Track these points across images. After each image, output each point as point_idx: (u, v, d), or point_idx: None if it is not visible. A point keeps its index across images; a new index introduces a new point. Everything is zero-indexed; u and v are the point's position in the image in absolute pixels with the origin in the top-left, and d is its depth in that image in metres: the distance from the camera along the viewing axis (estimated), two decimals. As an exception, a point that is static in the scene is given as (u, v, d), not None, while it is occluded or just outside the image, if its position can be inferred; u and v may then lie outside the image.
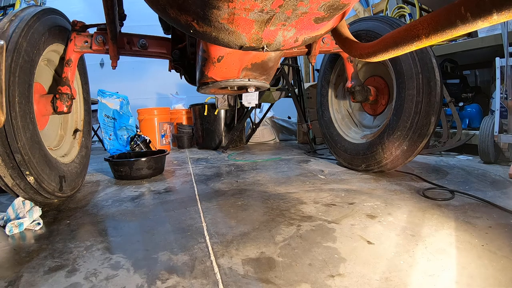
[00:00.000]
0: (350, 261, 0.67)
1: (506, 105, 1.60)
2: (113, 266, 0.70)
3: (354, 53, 0.94)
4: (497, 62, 1.62)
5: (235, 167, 1.92)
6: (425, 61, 1.39)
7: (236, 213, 1.07)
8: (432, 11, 0.71)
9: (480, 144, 1.70)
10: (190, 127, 3.33)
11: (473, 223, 0.87)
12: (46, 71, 1.45)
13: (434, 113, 1.38)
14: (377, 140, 1.53)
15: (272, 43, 0.75)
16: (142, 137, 2.59)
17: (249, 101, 2.45)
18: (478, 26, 0.50)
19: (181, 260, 0.72)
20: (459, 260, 0.67)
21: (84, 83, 1.71)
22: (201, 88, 1.26)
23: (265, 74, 1.20)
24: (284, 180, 1.51)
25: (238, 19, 0.66)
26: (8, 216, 0.99)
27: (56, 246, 0.83)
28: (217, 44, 0.78)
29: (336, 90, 1.97)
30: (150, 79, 4.75)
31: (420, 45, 0.65)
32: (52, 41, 1.32)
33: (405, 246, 0.75)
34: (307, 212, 1.02)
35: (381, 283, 0.59)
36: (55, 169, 1.22)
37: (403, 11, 2.69)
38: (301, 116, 2.66)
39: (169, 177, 1.72)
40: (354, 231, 0.85)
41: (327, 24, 0.76)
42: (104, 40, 1.46)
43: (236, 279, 0.63)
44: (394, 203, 1.08)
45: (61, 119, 1.58)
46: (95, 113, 2.82)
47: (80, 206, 1.23)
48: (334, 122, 1.92)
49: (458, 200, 1.09)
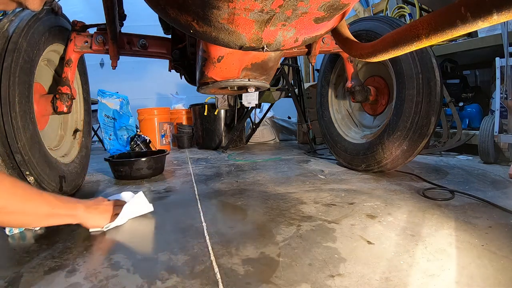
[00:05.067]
0: (350, 261, 0.67)
1: (506, 105, 1.60)
2: (113, 266, 0.70)
3: (354, 53, 0.94)
4: (497, 62, 1.62)
5: (235, 167, 1.92)
6: (425, 61, 1.39)
7: (236, 213, 1.07)
8: (432, 11, 0.71)
9: (480, 144, 1.70)
10: (190, 127, 3.33)
11: (473, 223, 0.87)
12: (46, 71, 1.45)
13: (434, 113, 1.38)
14: (377, 140, 1.53)
15: (272, 43, 0.75)
16: (142, 137, 2.59)
17: (249, 101, 2.45)
18: (478, 26, 0.50)
19: (181, 260, 0.72)
20: (459, 260, 0.67)
21: (84, 83, 1.71)
22: (201, 88, 1.26)
23: (265, 74, 1.20)
24: (284, 180, 1.51)
25: (238, 19, 0.66)
26: (8, 216, 0.99)
27: (56, 246, 0.83)
28: (217, 44, 0.78)
29: (336, 90, 1.97)
30: (150, 79, 4.74)
31: (420, 45, 0.65)
32: (52, 41, 1.32)
33: (405, 246, 0.75)
34: (307, 212, 1.02)
35: (381, 283, 0.59)
36: (55, 169, 1.22)
37: (403, 11, 2.69)
38: (301, 116, 2.66)
39: (169, 177, 1.72)
40: (354, 231, 0.85)
41: (327, 24, 0.76)
42: (104, 40, 1.46)
43: (236, 279, 0.63)
44: (394, 203, 1.08)
45: (61, 119, 1.58)
46: (95, 113, 2.82)
47: (80, 206, 1.23)
48: (334, 122, 1.92)
49: (458, 200, 1.09)
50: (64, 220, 0.88)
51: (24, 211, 0.77)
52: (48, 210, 0.83)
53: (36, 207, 0.80)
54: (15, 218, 0.76)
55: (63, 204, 0.88)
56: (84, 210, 0.92)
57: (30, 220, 0.81)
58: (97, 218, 0.94)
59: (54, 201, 0.85)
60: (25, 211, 0.77)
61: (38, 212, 0.81)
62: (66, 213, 0.88)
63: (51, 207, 0.84)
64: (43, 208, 0.81)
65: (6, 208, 0.73)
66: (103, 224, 0.94)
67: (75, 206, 0.91)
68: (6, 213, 0.73)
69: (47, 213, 0.83)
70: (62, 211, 0.87)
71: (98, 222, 0.94)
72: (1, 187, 0.72)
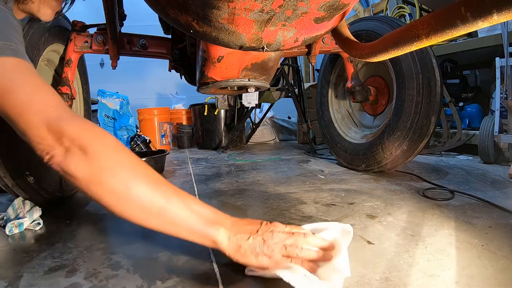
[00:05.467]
0: (350, 261, 0.67)
1: (506, 105, 1.60)
2: (113, 266, 0.70)
3: (354, 53, 0.94)
4: (497, 62, 1.62)
5: (235, 167, 1.92)
6: (425, 61, 1.39)
7: (236, 213, 1.07)
8: (432, 11, 0.71)
9: (480, 144, 1.70)
10: (190, 127, 3.33)
11: (473, 223, 0.87)
12: (46, 71, 1.45)
13: (434, 113, 1.38)
14: (377, 140, 1.53)
15: (272, 43, 0.75)
16: (142, 137, 2.59)
17: (249, 101, 2.45)
18: (478, 26, 0.50)
19: (181, 260, 0.72)
20: (459, 260, 0.67)
21: (84, 83, 1.71)
22: (201, 88, 1.26)
23: (265, 74, 1.20)
24: (284, 180, 1.51)
25: (238, 19, 0.66)
26: (8, 216, 0.99)
27: (56, 246, 0.82)
28: (217, 44, 0.78)
29: (336, 90, 1.97)
30: (150, 79, 4.74)
31: (420, 45, 0.65)
32: (52, 41, 1.32)
33: (405, 246, 0.75)
34: (307, 212, 1.02)
35: (381, 283, 0.59)
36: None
37: (403, 11, 2.69)
38: (301, 116, 2.66)
39: (169, 177, 1.72)
40: (354, 231, 0.85)
41: (327, 24, 0.76)
42: (104, 40, 1.46)
43: (236, 279, 0.63)
44: (394, 203, 1.08)
45: (61, 119, 1.58)
46: (95, 113, 2.82)
47: (80, 206, 1.23)
48: (334, 122, 1.91)
49: (458, 200, 1.09)
50: (197, 239, 0.60)
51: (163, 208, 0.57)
52: (194, 220, 0.58)
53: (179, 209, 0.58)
54: (144, 209, 0.57)
55: (206, 210, 0.61)
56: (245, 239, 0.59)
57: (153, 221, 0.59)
58: (263, 259, 0.58)
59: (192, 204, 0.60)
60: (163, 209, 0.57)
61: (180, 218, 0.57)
62: (202, 229, 0.59)
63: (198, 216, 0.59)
64: (188, 214, 0.58)
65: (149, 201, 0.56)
66: (274, 270, 0.56)
67: (221, 220, 0.61)
68: (143, 207, 0.56)
69: (189, 222, 0.58)
70: (208, 231, 0.59)
71: (264, 262, 0.58)
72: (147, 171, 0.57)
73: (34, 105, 0.58)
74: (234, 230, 0.60)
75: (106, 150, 0.57)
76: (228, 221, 0.62)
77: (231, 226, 0.61)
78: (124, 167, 0.57)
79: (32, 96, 0.59)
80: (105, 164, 0.56)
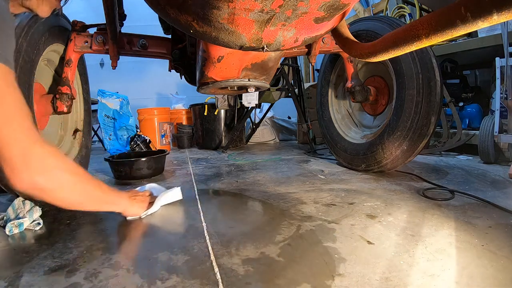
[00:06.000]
0: (350, 261, 0.67)
1: (506, 105, 1.60)
2: (113, 266, 0.70)
3: (354, 53, 0.95)
4: (497, 62, 1.62)
5: (235, 167, 1.92)
6: (425, 61, 1.39)
7: (236, 213, 1.07)
8: (432, 11, 0.71)
9: (480, 144, 1.70)
10: (190, 127, 3.33)
11: (473, 223, 0.87)
12: (46, 71, 1.45)
13: (434, 113, 1.38)
14: (377, 140, 1.53)
15: (272, 43, 0.75)
16: (142, 137, 2.59)
17: (249, 101, 2.45)
18: (478, 26, 0.50)
19: (181, 260, 0.72)
20: (459, 260, 0.67)
21: (84, 83, 1.71)
22: (201, 88, 1.26)
23: (265, 74, 1.20)
24: (284, 180, 1.51)
25: (238, 19, 0.66)
26: (8, 216, 0.99)
27: (56, 246, 0.82)
28: (217, 44, 0.78)
29: (336, 90, 1.97)
30: (150, 79, 4.74)
31: (420, 45, 0.65)
32: (52, 41, 1.32)
33: (405, 246, 0.75)
34: (307, 212, 1.02)
35: (381, 283, 0.59)
36: (55, 169, 1.22)
37: (403, 11, 2.69)
38: (301, 116, 2.66)
39: (169, 177, 1.72)
40: (354, 231, 0.85)
41: (327, 24, 0.76)
42: (104, 40, 1.46)
43: (236, 279, 0.63)
44: (394, 203, 1.08)
45: (61, 119, 1.58)
46: (95, 113, 2.82)
47: (80, 206, 1.23)
48: (334, 122, 1.92)
49: (458, 200, 1.09)
50: (110, 208, 0.94)
51: (83, 192, 0.81)
52: (100, 195, 0.87)
53: (93, 190, 0.85)
54: (75, 197, 0.80)
55: (111, 192, 0.93)
56: (127, 200, 0.99)
57: (85, 202, 0.84)
58: (136, 208, 1.02)
59: (104, 187, 0.89)
60: (84, 193, 0.82)
61: (92, 195, 0.85)
62: (114, 200, 0.93)
63: (103, 192, 0.88)
64: (96, 192, 0.86)
65: (72, 187, 0.77)
66: (141, 213, 1.02)
67: (120, 195, 0.98)
68: (71, 191, 0.78)
69: (98, 197, 0.87)
70: (110, 198, 0.92)
71: (137, 211, 1.02)
72: (67, 166, 0.77)
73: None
74: (128, 197, 1.01)
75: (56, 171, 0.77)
76: (124, 193, 1.01)
77: (127, 197, 1.01)
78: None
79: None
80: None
